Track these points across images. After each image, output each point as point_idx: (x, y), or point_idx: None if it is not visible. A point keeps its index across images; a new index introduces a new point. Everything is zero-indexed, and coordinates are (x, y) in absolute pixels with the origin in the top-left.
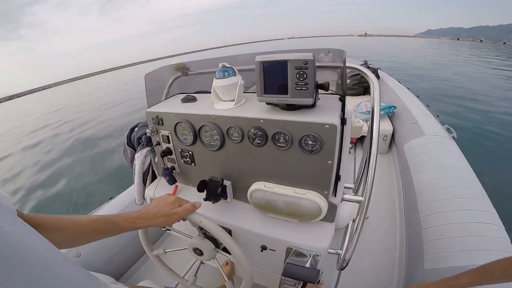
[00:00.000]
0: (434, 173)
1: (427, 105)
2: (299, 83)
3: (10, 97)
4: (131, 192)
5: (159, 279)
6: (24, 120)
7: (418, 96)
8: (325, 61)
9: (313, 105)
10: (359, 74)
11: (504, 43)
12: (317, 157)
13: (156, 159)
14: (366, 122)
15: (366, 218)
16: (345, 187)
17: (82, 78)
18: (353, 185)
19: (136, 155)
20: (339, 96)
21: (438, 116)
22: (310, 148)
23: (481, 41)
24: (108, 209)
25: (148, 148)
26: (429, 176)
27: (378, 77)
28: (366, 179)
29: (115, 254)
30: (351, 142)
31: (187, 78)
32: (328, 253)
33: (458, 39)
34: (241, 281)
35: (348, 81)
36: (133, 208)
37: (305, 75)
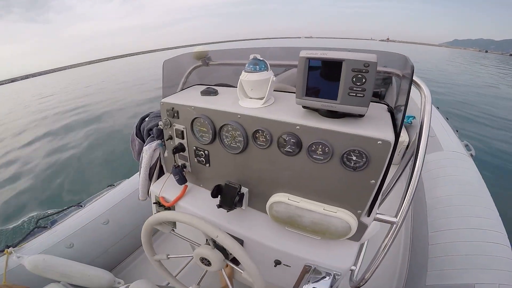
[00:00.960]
0: (449, 190)
1: (447, 118)
2: (354, 89)
3: (26, 76)
4: (132, 184)
5: (152, 276)
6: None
7: (438, 108)
8: None
9: (361, 115)
10: None
11: None
12: (360, 175)
13: (166, 154)
14: None
15: None
16: None
17: (101, 61)
18: None
19: (144, 147)
20: (387, 107)
21: (457, 131)
22: (353, 165)
23: (511, 55)
24: (106, 199)
25: (159, 141)
26: (443, 193)
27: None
28: (403, 200)
29: (110, 246)
30: None
31: (208, 68)
32: None
33: (486, 51)
34: (241, 284)
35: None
36: (132, 201)
37: (363, 80)
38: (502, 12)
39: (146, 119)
